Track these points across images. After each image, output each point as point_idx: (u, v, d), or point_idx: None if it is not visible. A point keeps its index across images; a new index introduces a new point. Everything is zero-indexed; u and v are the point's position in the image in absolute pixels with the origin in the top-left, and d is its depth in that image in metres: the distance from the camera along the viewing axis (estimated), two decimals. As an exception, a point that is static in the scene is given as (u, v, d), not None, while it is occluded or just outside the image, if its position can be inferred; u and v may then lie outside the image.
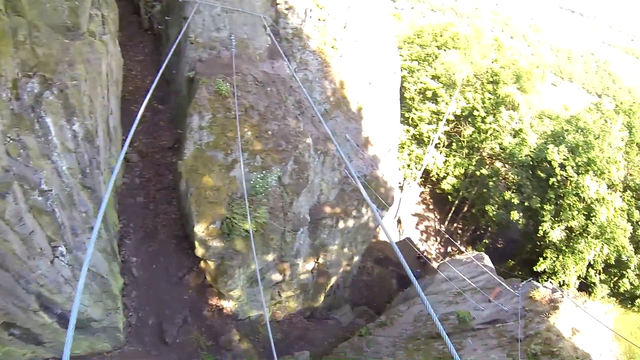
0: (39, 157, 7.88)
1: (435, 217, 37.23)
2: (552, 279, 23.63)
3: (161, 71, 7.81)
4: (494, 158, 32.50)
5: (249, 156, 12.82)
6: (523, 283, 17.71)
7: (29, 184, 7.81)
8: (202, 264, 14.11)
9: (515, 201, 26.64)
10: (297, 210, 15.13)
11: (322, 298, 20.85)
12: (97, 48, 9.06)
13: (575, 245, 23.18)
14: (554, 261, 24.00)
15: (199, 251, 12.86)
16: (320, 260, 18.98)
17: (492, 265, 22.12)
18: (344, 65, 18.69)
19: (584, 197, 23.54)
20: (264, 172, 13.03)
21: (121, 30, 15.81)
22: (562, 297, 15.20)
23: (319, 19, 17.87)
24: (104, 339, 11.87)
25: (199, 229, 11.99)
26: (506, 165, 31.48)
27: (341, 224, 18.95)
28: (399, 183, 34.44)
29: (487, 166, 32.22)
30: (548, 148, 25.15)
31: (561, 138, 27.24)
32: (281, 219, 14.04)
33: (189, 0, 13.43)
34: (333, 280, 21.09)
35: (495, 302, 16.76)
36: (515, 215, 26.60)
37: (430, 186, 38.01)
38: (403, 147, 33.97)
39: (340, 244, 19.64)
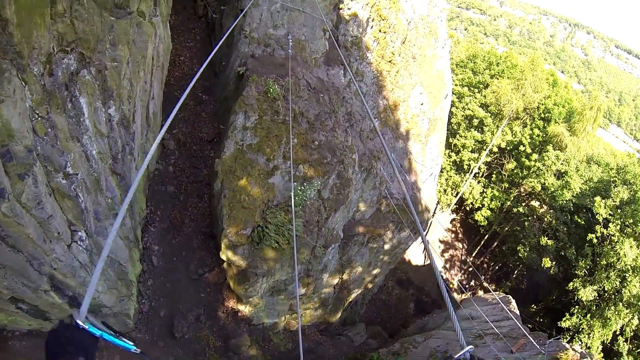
0: (68, 139, 6.95)
1: (463, 247, 35.26)
2: (576, 337, 21.60)
3: (208, 61, 6.81)
4: (532, 197, 30.34)
5: (292, 165, 11.77)
6: (550, 341, 15.96)
7: (54, 166, 6.90)
8: (224, 265, 13.18)
9: (551, 248, 24.55)
10: (332, 226, 13.97)
11: (339, 314, 19.69)
12: (145, 30, 8.09)
13: (604, 310, 21.04)
14: (581, 320, 21.92)
15: (225, 255, 11.88)
16: (345, 277, 17.81)
17: (518, 312, 20.29)
18: (399, 82, 17.41)
19: (621, 262, 21.33)
20: (305, 183, 11.94)
21: (174, 14, 15.11)
22: None
23: (380, 30, 16.67)
24: (112, 322, 11.16)
25: (228, 233, 10.98)
26: (544, 206, 29.31)
27: (372, 244, 17.72)
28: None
29: (524, 204, 30.12)
30: (596, 199, 22.97)
31: (607, 188, 25.02)
32: (315, 233, 12.91)
33: (246, -10, 12.53)
34: (353, 296, 19.92)
35: (518, 355, 15.14)
36: (547, 262, 24.52)
37: (462, 215, 36.04)
38: (442, 172, 32.25)
39: (367, 262, 18.42)
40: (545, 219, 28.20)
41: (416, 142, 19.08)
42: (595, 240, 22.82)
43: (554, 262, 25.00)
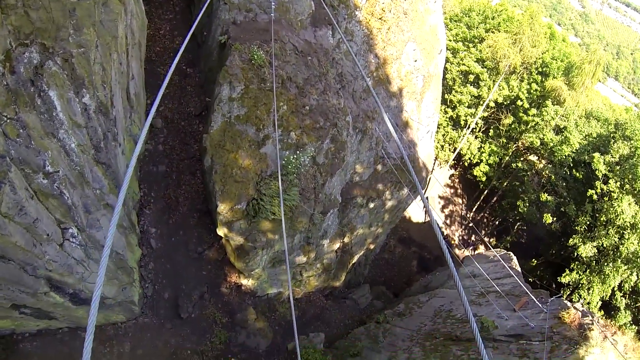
0: (43, 136, 6.43)
1: (463, 202, 35.11)
2: (576, 293, 21.74)
3: (190, 33, 6.21)
4: (530, 151, 29.87)
5: (282, 133, 11.17)
6: (552, 299, 15.93)
7: (31, 168, 6.43)
8: (223, 241, 12.92)
9: (551, 204, 24.30)
10: (329, 191, 13.60)
11: (343, 277, 19.74)
12: (112, 8, 7.34)
13: (603, 267, 21.01)
14: (580, 275, 21.98)
15: (221, 231, 11.58)
16: (346, 240, 17.65)
17: (519, 269, 20.25)
18: (390, 39, 16.54)
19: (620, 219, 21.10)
20: (298, 150, 11.44)
21: (149, -15, 14.10)
22: (592, 323, 13.49)
23: (368, -14, 15.66)
24: (118, 311, 11.07)
25: (223, 209, 10.62)
26: (542, 161, 28.89)
27: (371, 205, 17.44)
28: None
29: (522, 158, 29.69)
30: (594, 155, 22.49)
31: (607, 144, 24.50)
32: (312, 200, 12.55)
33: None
34: (356, 258, 19.88)
35: (521, 313, 15.18)
36: (549, 218, 24.33)
37: (461, 170, 35.67)
38: (439, 128, 31.54)
39: (367, 223, 18.21)
40: (544, 173, 27.87)
41: (411, 99, 18.40)
42: (595, 197, 22.53)
43: (554, 218, 24.83)
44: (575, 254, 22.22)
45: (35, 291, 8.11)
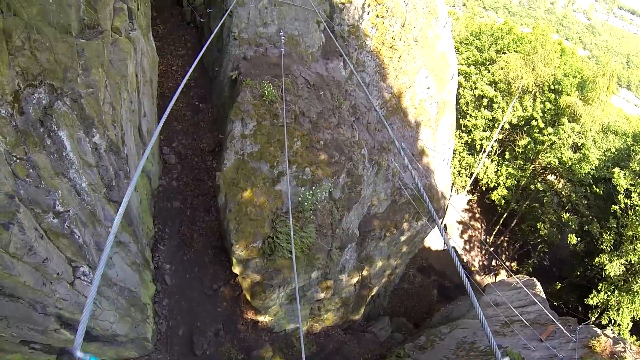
0: (53, 176, 6.32)
1: (481, 227, 34.09)
2: (605, 314, 20.53)
3: (192, 68, 6.06)
4: (548, 171, 29.00)
5: (297, 169, 10.91)
6: (580, 326, 14.99)
7: (41, 207, 6.30)
8: (239, 278, 12.53)
9: (574, 225, 23.31)
10: (347, 226, 13.18)
11: (362, 311, 19.07)
12: (122, 47, 7.32)
13: (632, 284, 19.87)
14: (609, 296, 20.80)
15: (237, 269, 11.22)
16: (364, 273, 17.09)
17: (543, 295, 19.26)
18: (402, 68, 16.37)
19: None
20: (313, 187, 11.12)
21: (161, 23, 14.25)
22: (625, 351, 12.56)
23: (377, 15, 15.60)
24: (130, 348, 10.73)
25: (238, 248, 10.28)
26: (561, 180, 27.97)
27: (390, 237, 16.91)
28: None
29: (540, 179, 28.82)
30: (614, 171, 21.66)
31: (626, 157, 23.63)
32: (329, 236, 12.14)
33: (230, -10, 11.62)
34: (375, 290, 19.24)
35: (547, 344, 14.24)
36: (573, 239, 23.30)
37: (478, 195, 34.82)
38: (454, 154, 31.04)
39: (386, 255, 17.64)
40: (564, 193, 26.94)
41: (426, 127, 18.08)
42: (619, 212, 21.58)
43: (578, 238, 23.78)
44: (603, 274, 21.12)
45: (45, 328, 7.93)
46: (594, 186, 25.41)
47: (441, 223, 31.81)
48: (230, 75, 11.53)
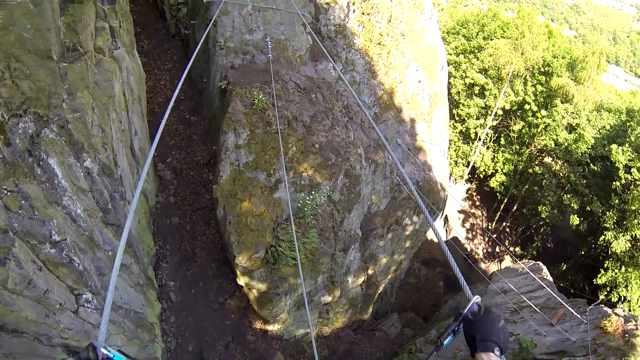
0: (47, 206, 6.13)
1: (483, 214, 33.99)
2: (614, 292, 20.44)
3: (180, 83, 5.90)
4: (545, 153, 28.93)
5: (294, 175, 10.74)
6: (590, 307, 14.88)
7: (37, 239, 6.11)
8: (244, 290, 12.36)
9: (575, 205, 23.18)
10: (348, 227, 13.02)
11: (370, 310, 18.94)
12: (106, 67, 7.10)
13: (638, 258, 19.79)
14: (616, 273, 20.70)
15: (242, 280, 11.05)
16: (370, 272, 16.94)
17: (551, 278, 19.14)
18: (392, 63, 16.20)
19: None
20: (312, 191, 10.95)
21: (146, 39, 14.02)
22: (637, 328, 12.46)
23: (363, 13, 15.42)
24: (141, 373, 10.49)
25: (241, 260, 10.10)
26: (558, 161, 27.91)
27: (392, 234, 16.77)
28: (447, 181, 31.56)
29: (537, 162, 28.75)
30: (612, 147, 21.56)
31: (622, 134, 23.54)
32: (332, 239, 11.97)
33: (213, 0, 11.39)
34: (381, 288, 19.12)
35: (559, 328, 14.13)
36: (576, 220, 23.18)
37: (477, 183, 34.73)
38: (450, 144, 30.95)
39: (389, 252, 17.50)
40: (562, 173, 26.86)
41: (420, 121, 17.92)
42: (620, 189, 21.48)
43: (581, 219, 23.67)
44: (609, 251, 21.01)
45: (52, 359, 7.77)
46: (591, 164, 25.34)
47: (442, 214, 31.80)
48: (219, 85, 11.33)
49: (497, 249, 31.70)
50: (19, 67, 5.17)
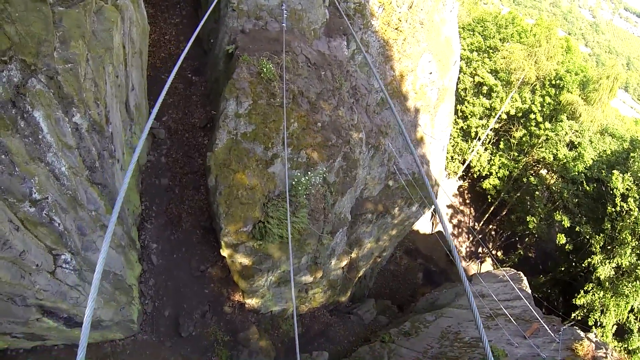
0: (28, 162, 5.65)
1: (471, 213, 34.02)
2: (591, 315, 20.58)
3: (192, 41, 5.43)
4: (541, 165, 28.76)
5: (292, 151, 10.29)
6: (564, 327, 14.95)
7: (16, 197, 5.68)
8: (227, 261, 12.10)
9: (566, 223, 23.08)
10: (339, 210, 12.71)
11: (349, 293, 18.89)
12: (107, 16, 6.47)
13: (621, 286, 19.80)
14: (595, 297, 20.80)
15: (225, 252, 10.74)
16: (353, 256, 16.80)
17: (529, 291, 19.21)
18: (406, 51, 15.62)
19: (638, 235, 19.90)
20: (308, 170, 10.56)
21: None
22: (606, 357, 12.56)
23: (385, -5, 14.74)
24: (116, 330, 10.41)
25: (227, 232, 9.76)
26: (553, 175, 27.79)
27: (380, 220, 16.56)
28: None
29: (532, 172, 28.60)
30: (614, 173, 21.34)
31: (622, 161, 23.31)
32: (321, 221, 11.66)
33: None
34: (362, 272, 19.05)
35: (532, 342, 14.20)
36: (562, 239, 23.14)
37: (469, 181, 34.62)
38: (449, 139, 30.63)
39: (375, 237, 17.35)
40: (554, 188, 26.76)
41: (425, 113, 17.49)
42: (614, 215, 21.35)
43: (568, 238, 23.66)
44: (592, 275, 21.01)
45: (26, 320, 7.48)
46: (585, 184, 25.22)
47: (432, 208, 31.72)
48: (226, 49, 10.71)
49: (480, 250, 31.88)
50: (5, 9, 4.60)
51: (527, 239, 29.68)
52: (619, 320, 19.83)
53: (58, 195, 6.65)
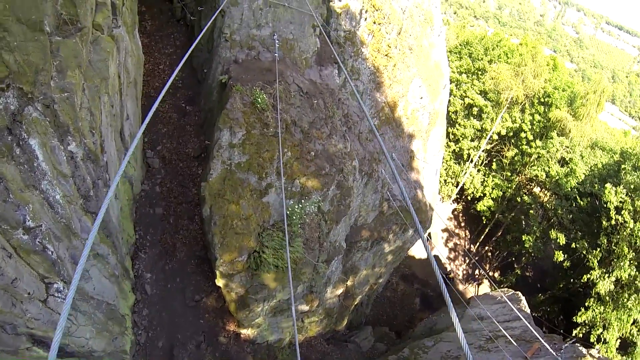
0: (23, 189, 5.75)
1: (466, 236, 34.15)
2: (593, 332, 20.50)
3: (178, 68, 5.66)
4: (534, 183, 29.16)
5: (286, 180, 10.44)
6: (566, 345, 14.93)
7: (9, 224, 5.74)
8: (222, 291, 12.03)
9: (562, 241, 23.25)
10: (334, 238, 12.78)
11: (345, 320, 18.72)
12: (103, 46, 6.67)
13: (623, 300, 19.82)
14: (595, 313, 20.75)
15: (220, 282, 10.71)
16: (349, 283, 16.74)
17: (528, 310, 19.18)
18: (397, 76, 16.04)
19: (637, 247, 20.07)
20: (302, 199, 10.68)
21: (150, 19, 13.57)
22: None
23: (374, 22, 15.23)
24: (107, 360, 10.13)
25: (222, 262, 9.78)
26: (546, 193, 28.15)
27: (376, 247, 16.60)
28: (434, 199, 31.52)
29: (526, 191, 28.96)
30: (607, 187, 21.69)
31: (614, 174, 23.76)
32: (316, 250, 11.71)
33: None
34: (358, 299, 18.93)
35: (533, 362, 14.13)
36: (560, 256, 23.28)
37: (464, 203, 34.87)
38: (442, 162, 31.05)
39: (371, 265, 17.34)
40: (548, 205, 27.07)
41: (417, 138, 17.80)
42: (610, 229, 21.54)
43: (565, 255, 23.80)
44: (592, 291, 21.01)
45: (16, 349, 7.38)
46: (579, 199, 25.54)
47: (426, 233, 31.79)
48: (220, 78, 10.98)
49: (477, 272, 31.84)
50: (4, 37, 4.78)
51: (523, 258, 29.76)
52: (622, 334, 19.76)
53: (52, 223, 6.71)
